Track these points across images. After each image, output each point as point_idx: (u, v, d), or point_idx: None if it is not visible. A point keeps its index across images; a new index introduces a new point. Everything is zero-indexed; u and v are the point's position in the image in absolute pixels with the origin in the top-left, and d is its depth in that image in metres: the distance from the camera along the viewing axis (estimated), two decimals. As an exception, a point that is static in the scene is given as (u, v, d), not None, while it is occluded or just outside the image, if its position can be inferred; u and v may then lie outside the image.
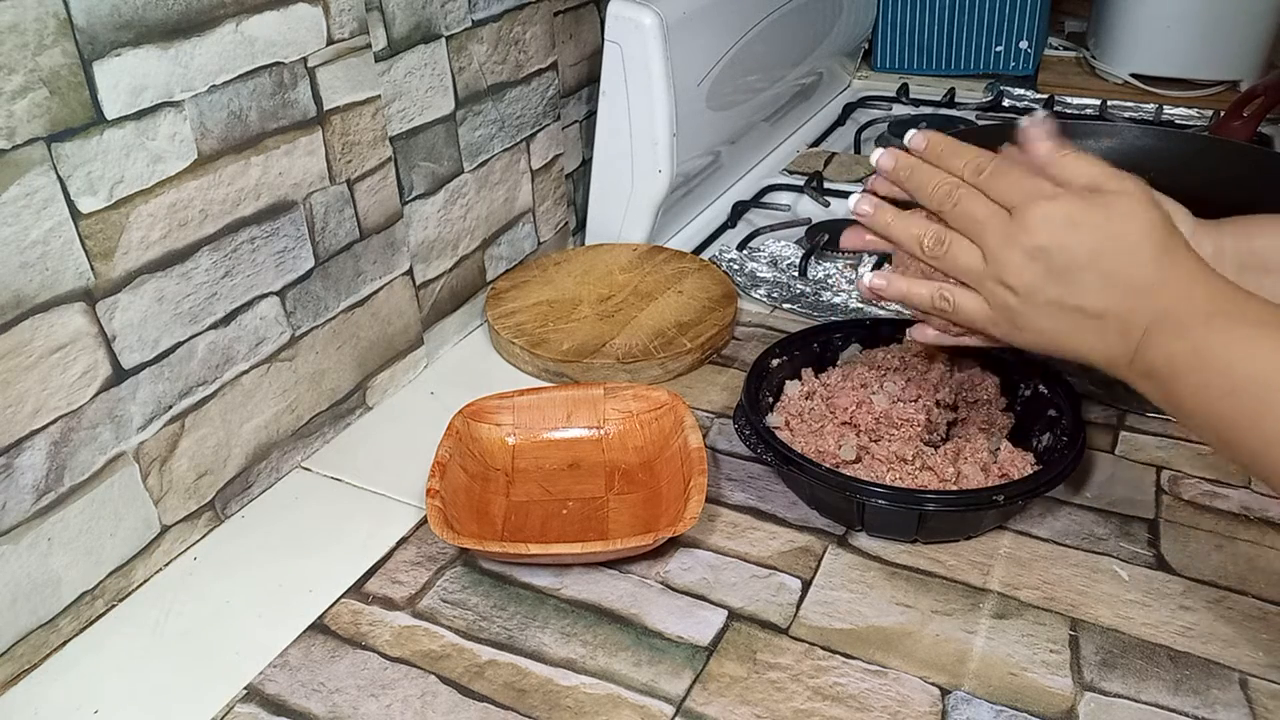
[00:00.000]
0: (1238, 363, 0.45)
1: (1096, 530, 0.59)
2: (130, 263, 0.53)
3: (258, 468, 0.64)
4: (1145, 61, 1.25)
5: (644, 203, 0.89)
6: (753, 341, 0.79)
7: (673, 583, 0.57)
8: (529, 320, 0.79)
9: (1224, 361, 0.45)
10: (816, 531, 0.60)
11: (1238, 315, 0.46)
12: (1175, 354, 0.47)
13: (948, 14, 1.33)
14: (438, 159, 0.74)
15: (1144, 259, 0.48)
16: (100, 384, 0.53)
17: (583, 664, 0.52)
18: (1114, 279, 0.48)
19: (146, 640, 0.55)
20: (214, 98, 0.55)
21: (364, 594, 0.57)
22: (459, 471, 0.62)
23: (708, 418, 0.70)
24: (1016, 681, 0.50)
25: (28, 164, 0.47)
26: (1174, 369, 0.47)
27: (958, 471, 0.59)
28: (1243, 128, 1.05)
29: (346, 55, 0.63)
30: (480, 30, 0.75)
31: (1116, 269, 0.48)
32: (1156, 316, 0.47)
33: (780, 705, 0.49)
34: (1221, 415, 0.45)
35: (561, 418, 0.68)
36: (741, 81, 0.98)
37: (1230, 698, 0.49)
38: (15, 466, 0.49)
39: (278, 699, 0.50)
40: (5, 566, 0.50)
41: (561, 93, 0.87)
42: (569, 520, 0.61)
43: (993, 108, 1.25)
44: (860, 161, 1.11)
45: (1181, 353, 0.46)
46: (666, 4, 0.83)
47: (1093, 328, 0.49)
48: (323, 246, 0.65)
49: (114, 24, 0.50)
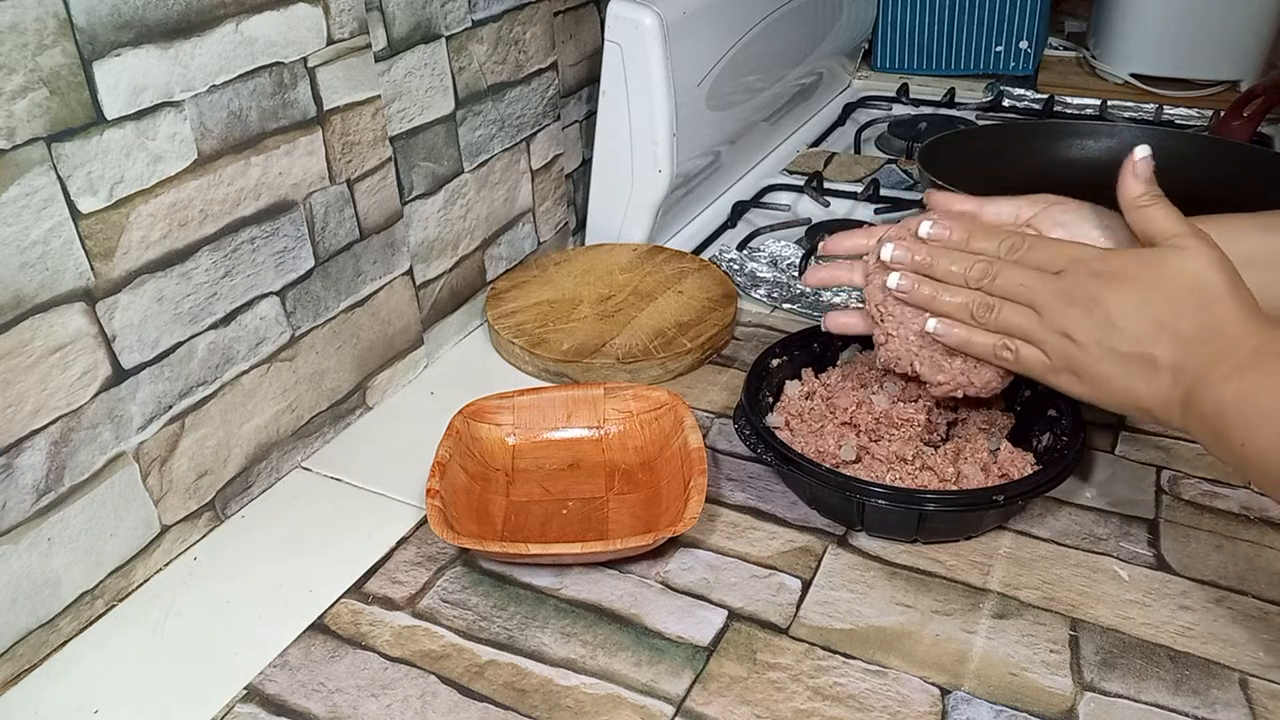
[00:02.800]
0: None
1: (1096, 530, 0.59)
2: (130, 263, 0.53)
3: (258, 468, 0.64)
4: (1145, 61, 1.25)
5: (644, 203, 0.89)
6: (753, 341, 0.79)
7: (673, 583, 0.57)
8: (529, 320, 0.79)
9: (1272, 403, 0.46)
10: (816, 531, 0.60)
11: None
12: (1224, 398, 0.47)
13: (948, 14, 1.33)
14: (438, 159, 0.74)
15: (1191, 309, 0.49)
16: (100, 384, 0.53)
17: (583, 664, 0.52)
18: (1164, 328, 0.50)
19: (146, 640, 0.55)
20: (214, 98, 0.55)
21: (364, 594, 0.57)
22: (459, 471, 0.62)
23: (708, 418, 0.70)
24: (1016, 681, 0.50)
25: (28, 164, 0.47)
26: (1223, 413, 0.47)
27: (958, 471, 0.59)
28: (1243, 128, 1.05)
29: (346, 55, 0.63)
30: (480, 30, 0.75)
31: (1163, 318, 0.50)
32: (1206, 363, 0.48)
33: (780, 705, 0.49)
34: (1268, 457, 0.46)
35: (561, 418, 0.68)
36: (741, 81, 0.98)
37: (1230, 698, 0.49)
38: (15, 466, 0.49)
39: (278, 699, 0.50)
40: (5, 566, 0.50)
41: (561, 93, 0.87)
42: (569, 520, 0.61)
43: (993, 108, 1.25)
44: (860, 161, 1.11)
45: (1231, 397, 0.47)
46: (666, 4, 0.83)
47: (1147, 375, 0.50)
48: (323, 246, 0.65)
49: (114, 24, 0.50)
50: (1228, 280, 0.49)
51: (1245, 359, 0.47)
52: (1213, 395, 0.47)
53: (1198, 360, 0.48)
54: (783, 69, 1.08)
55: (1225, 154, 0.89)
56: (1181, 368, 0.49)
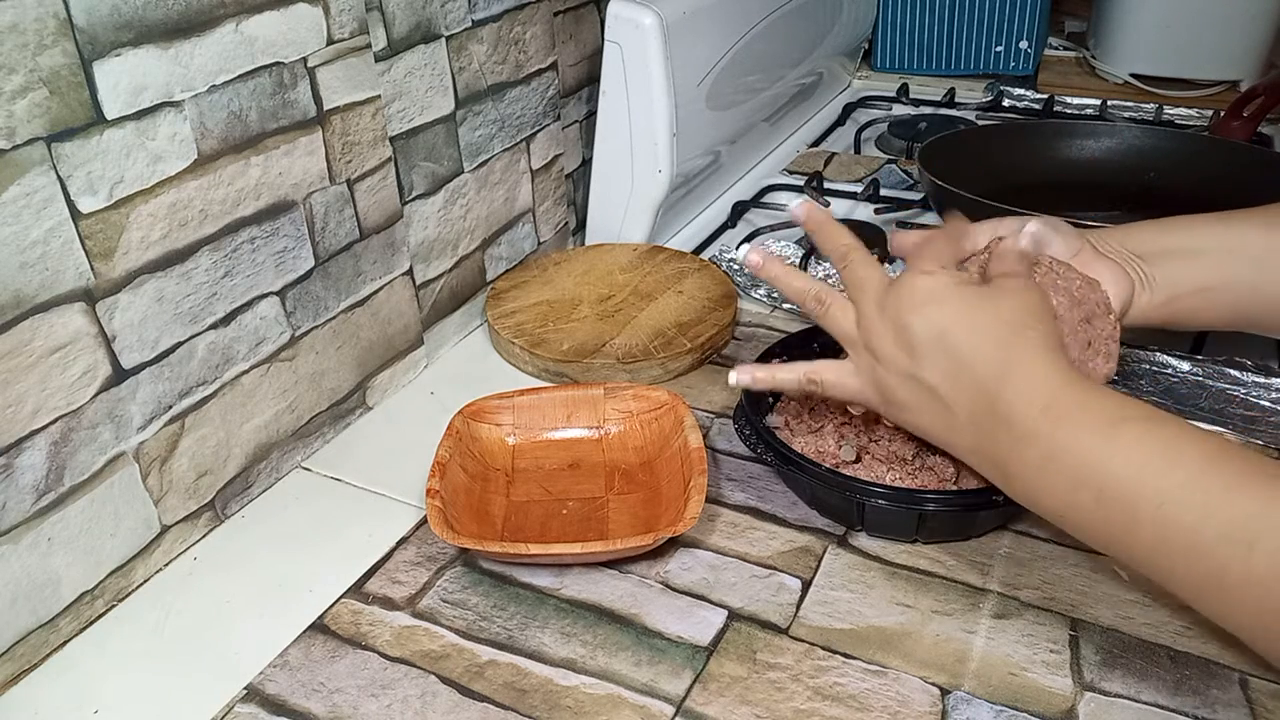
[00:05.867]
0: (1098, 465, 0.44)
1: (1096, 530, 0.59)
2: (130, 263, 0.53)
3: (258, 468, 0.64)
4: (1145, 61, 1.25)
5: (644, 203, 0.89)
6: (753, 341, 0.79)
7: (673, 583, 0.57)
8: (529, 320, 0.79)
9: (1083, 467, 0.44)
10: (816, 531, 0.60)
11: (1089, 414, 0.45)
12: (1028, 459, 0.46)
13: (948, 14, 1.33)
14: (438, 159, 0.74)
15: (987, 346, 0.48)
16: (100, 384, 0.53)
17: (583, 664, 0.52)
18: (958, 363, 0.49)
19: (146, 640, 0.55)
20: (214, 98, 0.55)
21: (364, 594, 0.57)
22: (459, 471, 0.62)
23: (708, 418, 0.70)
24: (1016, 681, 0.50)
25: (28, 164, 0.47)
26: (1026, 472, 0.46)
27: (958, 471, 0.59)
28: (1243, 128, 1.05)
29: (346, 55, 0.63)
30: (480, 30, 0.75)
31: (960, 352, 0.49)
32: (1001, 418, 0.47)
33: (780, 705, 0.49)
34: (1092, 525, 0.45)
35: (561, 418, 0.68)
36: (741, 81, 0.98)
37: (1230, 698, 0.49)
38: (15, 466, 0.50)
39: (278, 699, 0.50)
40: (5, 566, 0.50)
41: (561, 93, 0.87)
42: (569, 520, 0.61)
43: (993, 108, 1.25)
44: (860, 161, 1.11)
45: (1034, 459, 0.46)
46: (666, 4, 0.83)
47: (942, 412, 0.50)
48: (323, 246, 0.65)
49: (114, 24, 0.50)
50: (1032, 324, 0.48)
51: (1044, 417, 0.46)
52: (1018, 455, 0.47)
53: (991, 415, 0.48)
54: (783, 69, 1.08)
55: (1225, 154, 0.89)
56: (978, 416, 0.48)
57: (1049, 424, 0.45)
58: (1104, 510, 0.43)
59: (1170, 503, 0.41)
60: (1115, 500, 0.43)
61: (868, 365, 0.53)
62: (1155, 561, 0.42)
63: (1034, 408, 0.46)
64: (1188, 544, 0.40)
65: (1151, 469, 0.42)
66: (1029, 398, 0.46)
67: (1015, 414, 0.46)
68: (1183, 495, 0.41)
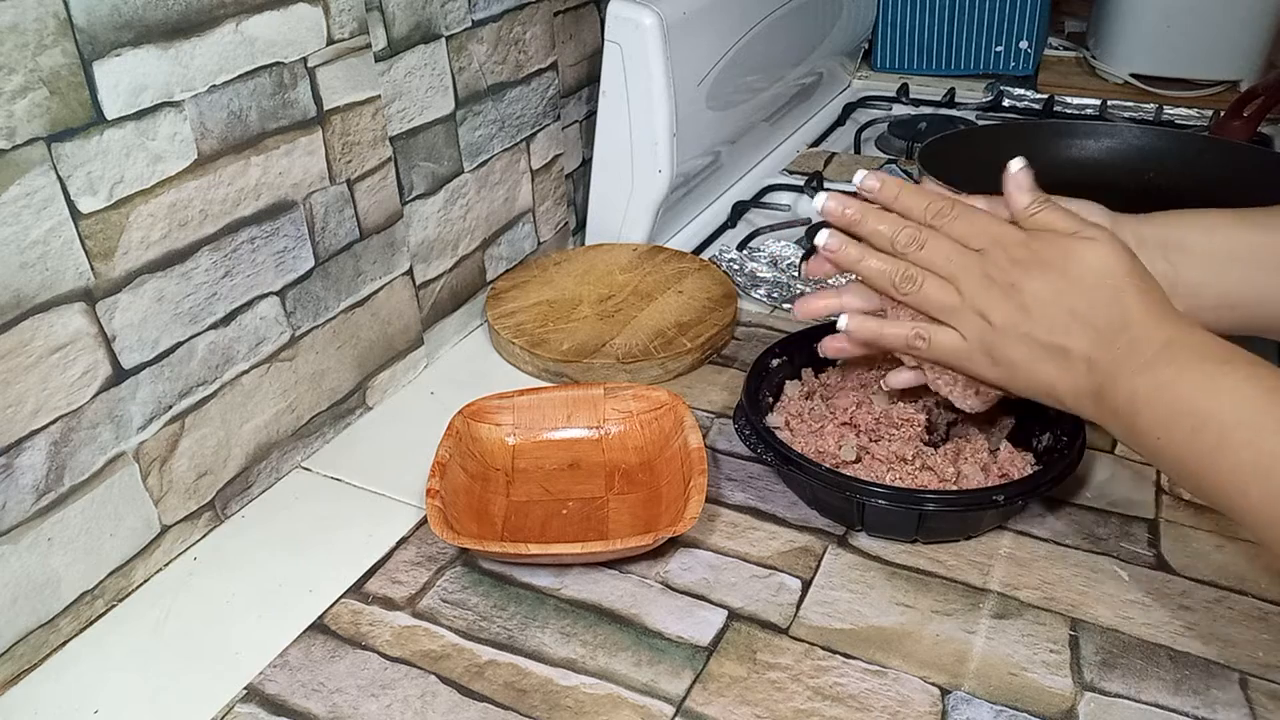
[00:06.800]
0: (1199, 400, 0.46)
1: (1096, 530, 0.59)
2: (130, 263, 0.53)
3: (258, 468, 0.64)
4: (1145, 61, 1.25)
5: (644, 203, 0.89)
6: (753, 341, 0.79)
7: (673, 583, 0.57)
8: (529, 320, 0.79)
9: (1184, 399, 0.46)
10: (816, 531, 0.60)
11: (1198, 353, 0.47)
12: (1137, 391, 0.48)
13: (948, 14, 1.33)
14: (438, 159, 0.74)
15: (1103, 301, 0.50)
16: (100, 384, 0.53)
17: (583, 664, 0.52)
18: (1078, 318, 0.50)
19: (146, 640, 0.55)
20: (214, 98, 0.55)
21: (364, 594, 0.57)
22: (459, 471, 0.62)
23: (708, 418, 0.70)
24: (1016, 681, 0.50)
25: (28, 164, 0.47)
26: (1135, 406, 0.48)
27: (958, 471, 0.59)
28: (1243, 128, 1.05)
29: (346, 55, 0.63)
30: (480, 30, 0.75)
31: (1079, 309, 0.50)
32: (1119, 356, 0.49)
33: (780, 705, 0.49)
34: (1182, 452, 0.46)
35: (561, 418, 0.68)
36: (741, 81, 0.98)
37: (1230, 698, 0.49)
38: (15, 466, 0.49)
39: (278, 699, 0.50)
40: (5, 566, 0.50)
41: (561, 93, 0.87)
42: (569, 520, 0.61)
43: (993, 108, 1.25)
44: (860, 162, 1.11)
45: (1144, 389, 0.47)
46: (666, 4, 0.83)
47: (1060, 364, 0.51)
48: (323, 246, 0.65)
49: (114, 24, 0.50)
50: (1132, 271, 0.50)
51: (1157, 353, 0.48)
52: (1126, 389, 0.48)
53: (1110, 354, 0.49)
54: (783, 69, 1.08)
55: (1225, 154, 0.89)
56: (1094, 360, 0.49)
57: (1167, 357, 0.47)
58: (1199, 439, 0.46)
59: (1267, 432, 0.44)
60: (1212, 428, 0.45)
61: (977, 330, 0.53)
62: (1234, 485, 0.45)
63: (1154, 345, 0.48)
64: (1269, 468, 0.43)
65: (1251, 406, 0.45)
66: (1151, 334, 0.48)
67: (1137, 348, 0.48)
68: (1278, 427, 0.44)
